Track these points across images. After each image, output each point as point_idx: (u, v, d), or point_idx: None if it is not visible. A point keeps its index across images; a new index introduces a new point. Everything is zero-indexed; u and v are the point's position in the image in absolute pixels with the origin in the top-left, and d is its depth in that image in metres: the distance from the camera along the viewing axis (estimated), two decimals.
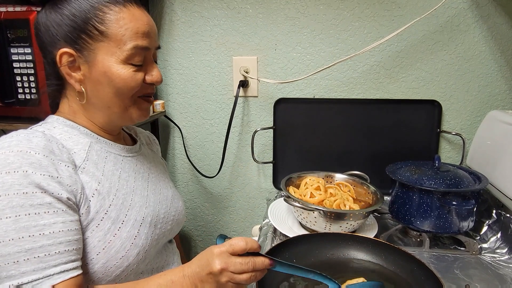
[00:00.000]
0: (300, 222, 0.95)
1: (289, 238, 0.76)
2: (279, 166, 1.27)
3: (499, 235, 0.91)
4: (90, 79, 0.62)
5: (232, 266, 0.55)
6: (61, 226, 0.54)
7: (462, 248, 0.89)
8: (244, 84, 1.23)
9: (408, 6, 1.11)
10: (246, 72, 1.22)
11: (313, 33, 1.17)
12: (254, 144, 1.26)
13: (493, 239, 0.91)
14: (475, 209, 0.88)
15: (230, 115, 1.21)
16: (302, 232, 0.92)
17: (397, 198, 0.94)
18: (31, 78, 0.92)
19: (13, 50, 0.91)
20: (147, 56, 0.65)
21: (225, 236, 0.58)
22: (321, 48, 1.18)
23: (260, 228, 1.00)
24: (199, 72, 1.27)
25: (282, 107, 1.22)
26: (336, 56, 1.17)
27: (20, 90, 0.93)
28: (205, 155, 1.35)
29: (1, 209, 0.51)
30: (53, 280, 0.52)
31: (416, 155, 1.17)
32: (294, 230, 0.93)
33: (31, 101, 0.93)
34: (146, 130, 0.92)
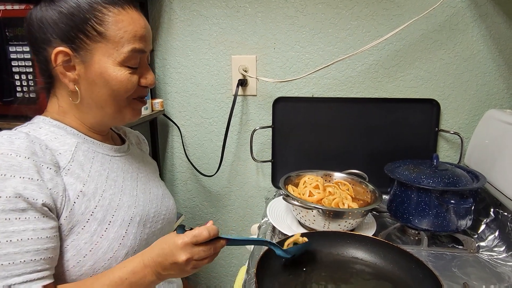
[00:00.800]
0: (299, 221, 0.96)
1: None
2: (278, 165, 1.27)
3: (497, 234, 0.91)
4: (85, 79, 0.62)
5: (197, 255, 0.58)
6: (31, 234, 0.52)
7: (460, 247, 0.90)
8: (243, 83, 1.23)
9: (407, 5, 1.11)
10: (245, 71, 1.22)
11: (312, 32, 1.17)
12: (253, 143, 1.26)
13: (491, 238, 0.92)
14: (473, 208, 0.89)
15: (229, 114, 1.21)
16: (301, 231, 0.92)
17: (396, 197, 0.94)
18: (30, 77, 0.92)
19: (12, 49, 0.91)
20: (142, 59, 0.65)
21: (184, 226, 0.61)
22: (320, 47, 1.18)
23: (259, 227, 1.01)
24: (198, 71, 1.27)
25: (281, 106, 1.22)
26: (335, 55, 1.17)
27: (19, 89, 0.94)
28: (204, 154, 1.35)
29: None
30: None
31: (415, 154, 1.17)
32: (293, 229, 0.93)
33: (30, 100, 0.93)
34: (140, 130, 0.92)
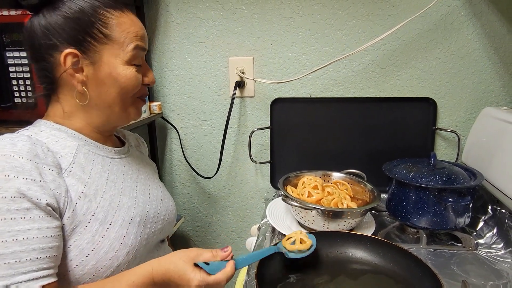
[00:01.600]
0: (299, 221, 0.96)
1: None
2: (277, 166, 1.27)
3: (495, 231, 0.92)
4: (94, 80, 0.64)
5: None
6: (36, 233, 0.53)
7: (459, 244, 0.90)
8: (241, 85, 1.24)
9: (402, 5, 1.12)
10: (242, 73, 1.23)
11: (308, 33, 1.18)
12: (251, 144, 1.26)
13: (489, 235, 0.92)
14: (471, 205, 0.89)
15: (227, 116, 1.22)
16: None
17: (394, 196, 0.95)
18: (27, 82, 0.92)
19: (9, 54, 0.91)
20: (142, 59, 0.70)
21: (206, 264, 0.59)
22: (317, 48, 1.19)
23: (259, 228, 1.01)
24: (195, 73, 1.28)
25: (279, 107, 1.22)
26: (332, 56, 1.18)
27: (17, 94, 0.93)
28: (203, 156, 1.35)
29: None
30: None
31: (412, 153, 1.17)
32: (293, 229, 0.93)
33: (28, 105, 0.93)
34: (139, 133, 0.93)
